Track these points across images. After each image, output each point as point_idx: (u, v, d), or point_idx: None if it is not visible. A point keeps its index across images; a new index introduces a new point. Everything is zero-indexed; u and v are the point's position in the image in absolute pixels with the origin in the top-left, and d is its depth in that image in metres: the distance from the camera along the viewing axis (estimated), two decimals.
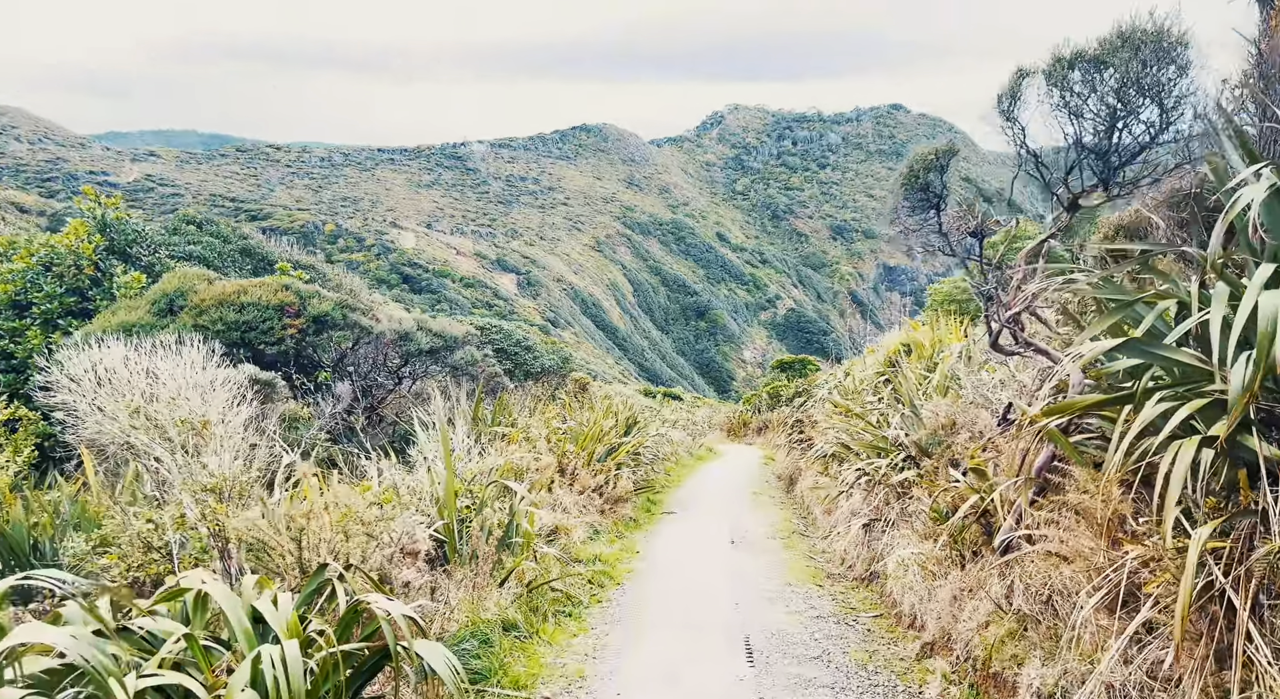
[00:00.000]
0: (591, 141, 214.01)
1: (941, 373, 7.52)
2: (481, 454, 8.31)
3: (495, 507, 6.62)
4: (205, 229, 14.67)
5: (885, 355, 11.16)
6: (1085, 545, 3.30)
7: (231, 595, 3.60)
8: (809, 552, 9.49)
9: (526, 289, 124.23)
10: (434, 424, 7.45)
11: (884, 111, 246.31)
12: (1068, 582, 3.65)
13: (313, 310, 12.04)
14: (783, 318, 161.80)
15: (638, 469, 13.52)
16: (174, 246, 13.84)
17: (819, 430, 13.07)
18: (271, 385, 8.99)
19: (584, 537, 9.78)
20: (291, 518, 4.53)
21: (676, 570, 8.23)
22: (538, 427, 12.05)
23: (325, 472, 7.18)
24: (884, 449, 7.51)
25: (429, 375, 13.93)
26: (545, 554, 6.56)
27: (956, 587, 5.01)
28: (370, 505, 5.22)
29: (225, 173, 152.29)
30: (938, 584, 5.33)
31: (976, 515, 4.82)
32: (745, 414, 33.01)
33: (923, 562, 5.63)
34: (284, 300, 11.91)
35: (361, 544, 4.45)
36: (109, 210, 12.79)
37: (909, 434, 7.21)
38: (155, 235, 13.73)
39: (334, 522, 4.51)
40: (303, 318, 12.04)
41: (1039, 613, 3.96)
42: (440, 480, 6.29)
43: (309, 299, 12.14)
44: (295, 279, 13.28)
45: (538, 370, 21.38)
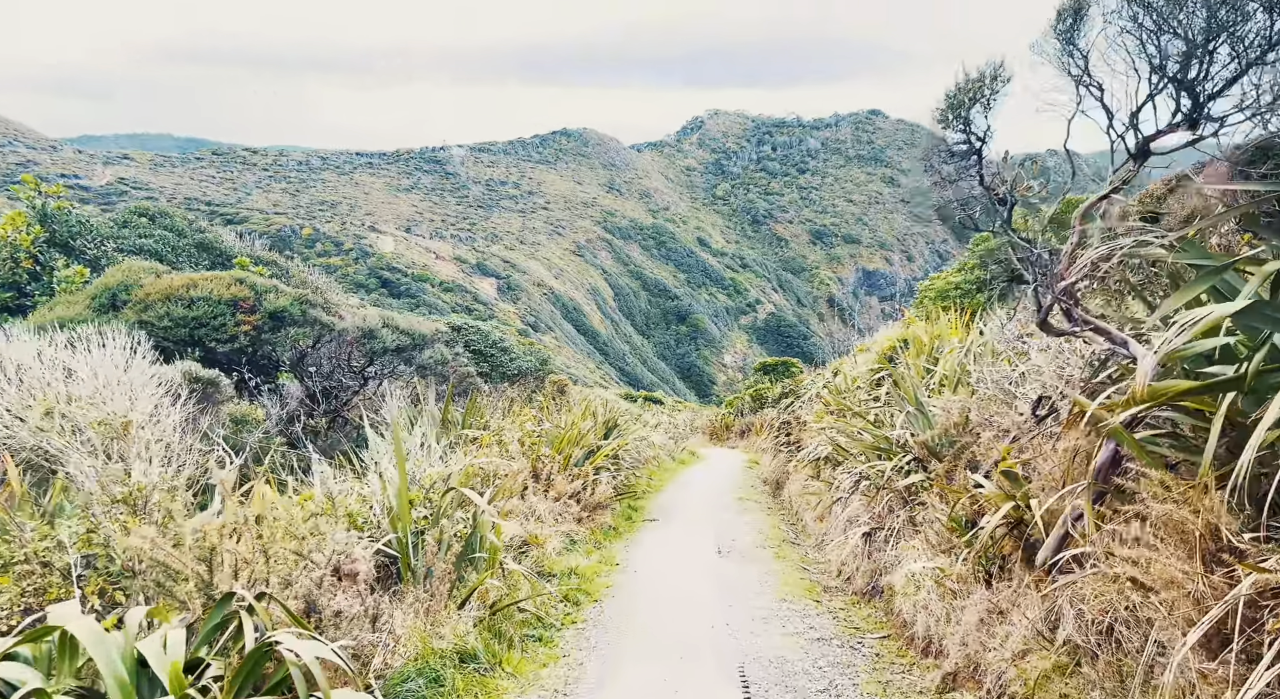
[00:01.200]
0: (572, 146, 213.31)
1: (949, 366, 6.87)
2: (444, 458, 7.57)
3: (456, 517, 5.88)
4: (158, 222, 13.82)
5: (880, 352, 10.52)
6: (1175, 568, 2.63)
7: (102, 636, 2.86)
8: (801, 562, 8.81)
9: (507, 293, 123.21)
10: (388, 424, 6.70)
11: (863, 117, 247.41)
12: (1138, 609, 2.98)
13: (269, 306, 11.25)
14: (763, 322, 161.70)
15: (618, 474, 12.80)
16: (123, 240, 12.99)
17: (809, 432, 12.41)
18: (215, 384, 8.20)
19: (559, 547, 9.05)
20: (203, 535, 3.78)
21: (660, 585, 7.52)
22: (512, 429, 11.30)
23: (275, 479, 6.42)
24: (886, 451, 6.85)
25: (396, 376, 13.15)
26: (513, 571, 5.82)
27: (983, 608, 4.34)
28: (309, 518, 4.48)
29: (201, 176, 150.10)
30: (959, 604, 4.65)
31: (1010, 526, 4.15)
32: (728, 417, 32.37)
33: (939, 577, 4.95)
34: (238, 295, 11.12)
35: (287, 567, 3.71)
36: (50, 199, 11.94)
37: (915, 434, 6.54)
38: (102, 228, 12.87)
39: (254, 540, 3.77)
40: (258, 314, 11.25)
41: (1097, 645, 3.29)
42: (394, 488, 5.54)
43: (265, 294, 11.35)
44: (252, 273, 12.47)
45: (515, 372, 20.62)
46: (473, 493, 5.24)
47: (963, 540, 4.82)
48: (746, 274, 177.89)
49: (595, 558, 8.76)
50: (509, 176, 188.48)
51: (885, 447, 6.87)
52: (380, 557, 5.47)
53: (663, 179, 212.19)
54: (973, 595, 4.55)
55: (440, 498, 5.68)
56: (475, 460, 6.70)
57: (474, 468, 6.89)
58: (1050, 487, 3.93)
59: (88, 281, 11.63)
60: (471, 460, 6.50)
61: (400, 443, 5.50)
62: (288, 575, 3.73)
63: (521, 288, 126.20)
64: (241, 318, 10.96)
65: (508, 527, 6.27)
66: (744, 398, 32.55)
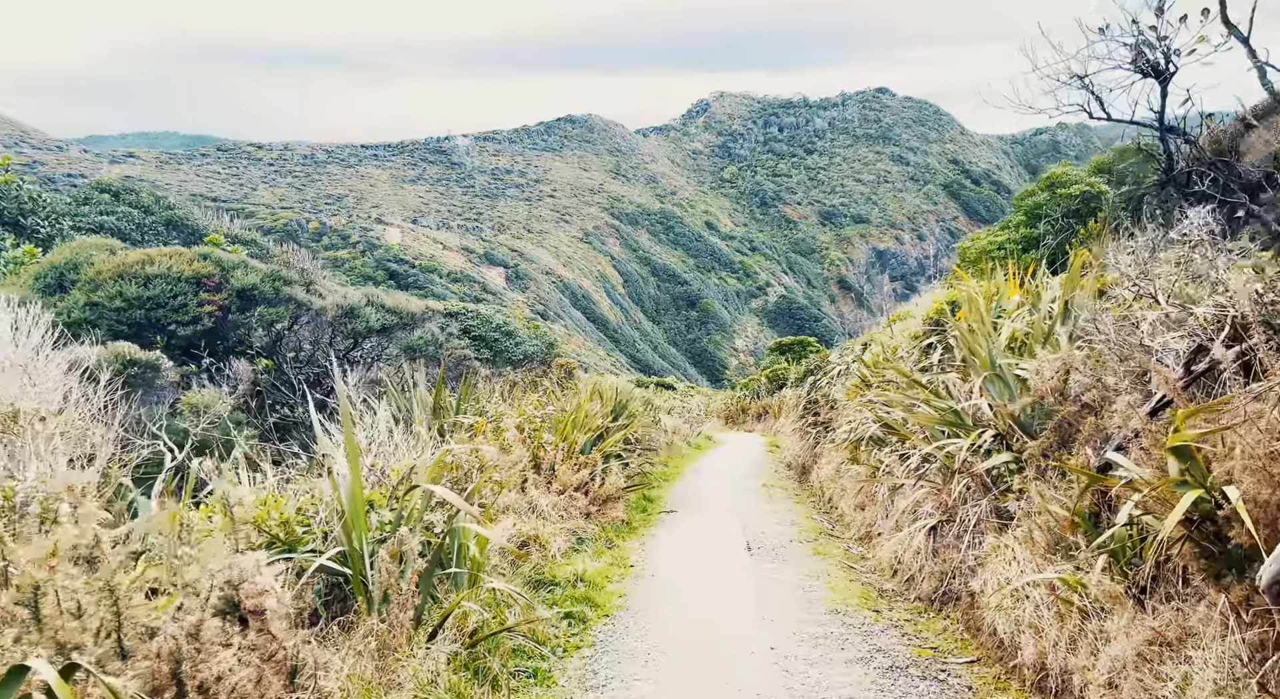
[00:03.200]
0: (577, 133, 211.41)
1: (1038, 321, 5.59)
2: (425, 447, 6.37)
3: (426, 522, 4.68)
4: (123, 198, 12.65)
5: (925, 316, 9.25)
6: None
7: None
8: (846, 559, 7.58)
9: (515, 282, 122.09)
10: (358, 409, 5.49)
11: (870, 96, 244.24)
12: None
13: (237, 283, 10.06)
14: (773, 305, 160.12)
15: (630, 461, 11.60)
16: (82, 217, 11.82)
17: (840, 411, 11.16)
18: (155, 368, 7.01)
19: (564, 547, 7.86)
20: (30, 566, 2.59)
21: (683, 594, 6.31)
22: (512, 415, 10.09)
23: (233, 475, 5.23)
24: (957, 426, 5.59)
25: (385, 359, 11.97)
26: (498, 590, 4.60)
27: (1141, 638, 3.10)
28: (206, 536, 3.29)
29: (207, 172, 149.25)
30: (1097, 629, 3.41)
31: (1196, 523, 2.90)
32: (743, 400, 31.13)
33: (1059, 591, 3.71)
34: (200, 272, 9.92)
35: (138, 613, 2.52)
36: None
37: (994, 405, 5.29)
38: (58, 204, 11.71)
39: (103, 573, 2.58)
40: (224, 292, 10.06)
41: None
42: (345, 487, 4.34)
43: (232, 270, 10.16)
44: (219, 248, 11.27)
45: (520, 357, 19.42)
46: (446, 491, 4.05)
47: (1094, 543, 3.57)
48: (756, 257, 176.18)
49: (606, 560, 7.56)
50: (514, 165, 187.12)
51: (955, 422, 5.62)
52: (329, 576, 4.28)
53: (669, 163, 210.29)
54: (1118, 617, 3.31)
55: (402, 498, 4.47)
56: (454, 449, 5.49)
57: (455, 458, 5.70)
58: (1254, 469, 2.69)
59: (38, 261, 10.47)
60: (449, 449, 5.29)
61: (351, 430, 4.29)
62: (147, 623, 2.55)
63: (530, 276, 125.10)
64: (205, 297, 9.78)
65: (495, 532, 5.07)
66: (760, 379, 31.30)
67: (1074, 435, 4.66)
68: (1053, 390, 4.68)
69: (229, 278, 9.97)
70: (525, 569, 6.53)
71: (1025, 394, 5.18)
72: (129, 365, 6.72)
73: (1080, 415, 4.59)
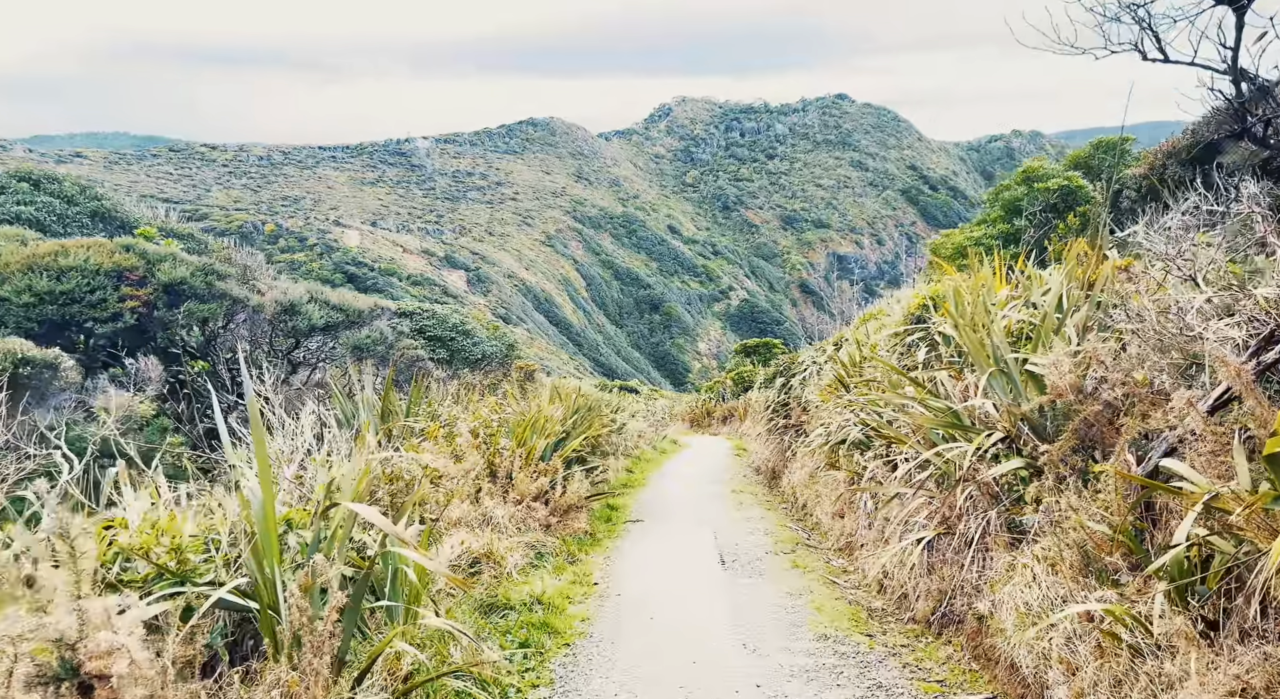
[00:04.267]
0: (539, 136, 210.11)
1: (1047, 312, 5.03)
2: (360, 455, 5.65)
3: (356, 543, 3.99)
4: (44, 188, 11.70)
5: (906, 312, 8.72)
6: None
7: None
8: (829, 573, 7.00)
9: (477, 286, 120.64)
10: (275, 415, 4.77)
11: (829, 102, 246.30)
12: None
13: (163, 276, 9.23)
14: (736, 309, 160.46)
15: (594, 467, 10.94)
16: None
17: (815, 413, 10.61)
18: (52, 368, 6.20)
19: (521, 562, 7.18)
20: None
21: (652, 616, 5.66)
22: (467, 419, 9.39)
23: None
24: (958, 428, 5.02)
25: (332, 360, 11.18)
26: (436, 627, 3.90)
27: (1223, 688, 2.53)
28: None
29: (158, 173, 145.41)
30: (1153, 670, 2.84)
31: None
32: (708, 403, 30.62)
33: (1103, 623, 3.14)
34: (122, 265, 9.08)
35: None
36: None
37: (999, 406, 4.73)
38: None
39: None
40: (149, 287, 9.22)
41: None
42: (256, 506, 3.63)
43: (158, 263, 9.33)
44: (147, 241, 10.41)
45: (478, 359, 18.65)
46: (370, 509, 3.37)
47: (1148, 566, 3.00)
48: (718, 261, 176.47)
49: (567, 577, 6.89)
50: (476, 168, 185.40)
51: (954, 424, 5.05)
52: (237, 613, 3.57)
53: (632, 167, 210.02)
54: (1183, 659, 2.74)
55: (320, 517, 3.77)
56: (383, 457, 4.79)
57: (395, 468, 5.01)
58: None
59: None
60: (380, 457, 4.60)
61: (263, 436, 3.58)
62: None
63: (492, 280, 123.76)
64: (126, 292, 8.93)
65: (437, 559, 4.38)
66: (725, 382, 30.81)
67: (1097, 438, 4.11)
68: (1072, 387, 4.12)
69: (154, 271, 9.14)
70: (477, 591, 5.85)
71: (1033, 392, 4.63)
72: (21, 364, 5.91)
73: (1105, 415, 4.04)
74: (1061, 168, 12.43)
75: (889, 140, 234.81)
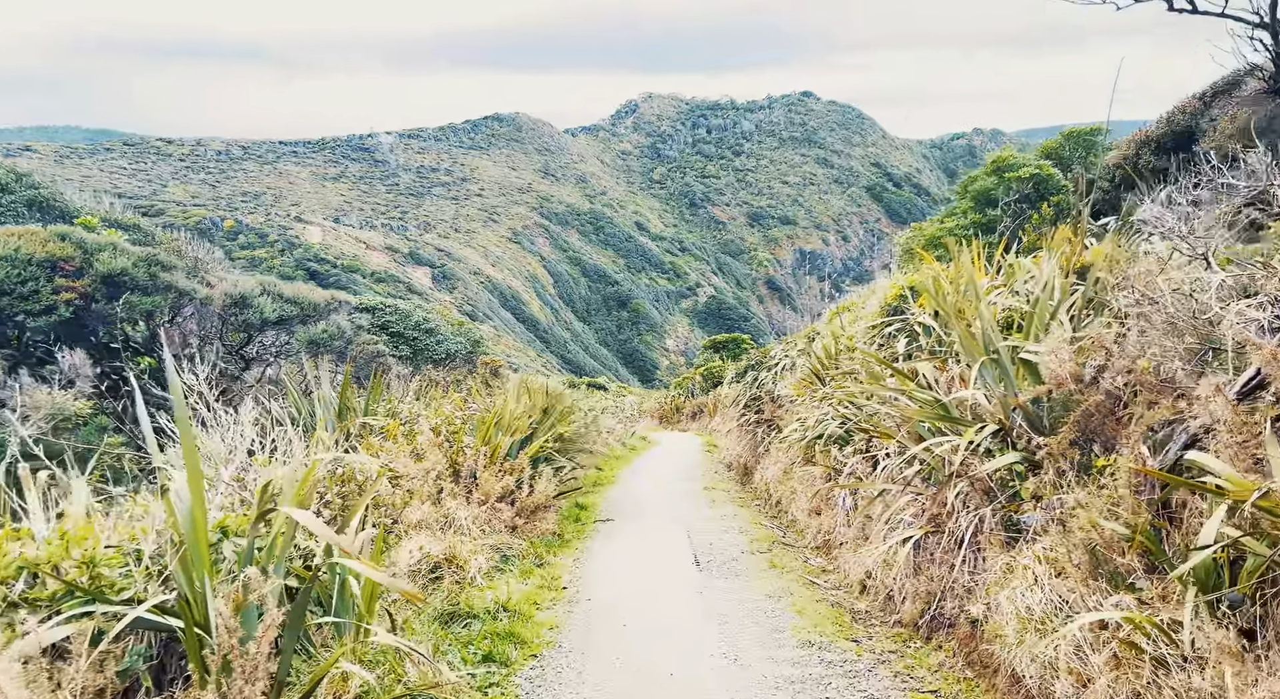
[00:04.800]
0: (505, 131, 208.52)
1: (1041, 298, 4.76)
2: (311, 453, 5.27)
3: (303, 550, 3.62)
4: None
5: (883, 303, 8.47)
6: None
7: None
8: (807, 572, 6.73)
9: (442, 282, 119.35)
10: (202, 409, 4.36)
11: (795, 99, 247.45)
12: None
13: (102, 267, 8.72)
14: (704, 305, 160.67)
15: (562, 465, 10.58)
16: None
17: (791, 408, 10.35)
18: None
19: (486, 566, 6.82)
20: None
21: (626, 623, 5.33)
22: (429, 416, 9.01)
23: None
24: (946, 420, 4.75)
25: (287, 355, 10.71)
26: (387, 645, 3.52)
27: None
28: None
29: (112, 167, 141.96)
30: (1181, 685, 2.57)
31: None
32: (678, 399, 30.37)
33: (1120, 631, 2.87)
34: (56, 254, 8.56)
35: None
36: None
37: (991, 396, 4.47)
38: None
39: None
40: (86, 278, 8.70)
41: None
42: (184, 513, 3.24)
43: (96, 253, 8.81)
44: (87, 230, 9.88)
45: (442, 355, 18.20)
46: (309, 516, 2.99)
47: (1178, 572, 2.73)
48: (686, 257, 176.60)
49: (534, 581, 6.54)
50: (441, 163, 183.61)
51: (942, 416, 4.78)
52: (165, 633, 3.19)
53: (599, 163, 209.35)
54: (1216, 671, 2.47)
55: (255, 525, 3.39)
56: (331, 458, 4.41)
57: (347, 469, 4.62)
58: None
59: None
60: (330, 457, 4.22)
61: (190, 434, 3.20)
62: None
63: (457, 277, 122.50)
64: (61, 283, 8.41)
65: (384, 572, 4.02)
66: (694, 378, 30.58)
67: (1098, 430, 3.86)
68: (1073, 376, 3.87)
69: (93, 262, 8.63)
70: (437, 600, 5.48)
71: (1025, 382, 4.38)
72: None
73: (1106, 406, 3.79)
74: (1033, 157, 12.31)
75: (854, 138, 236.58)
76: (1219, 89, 9.77)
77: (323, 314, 10.48)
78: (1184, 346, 3.12)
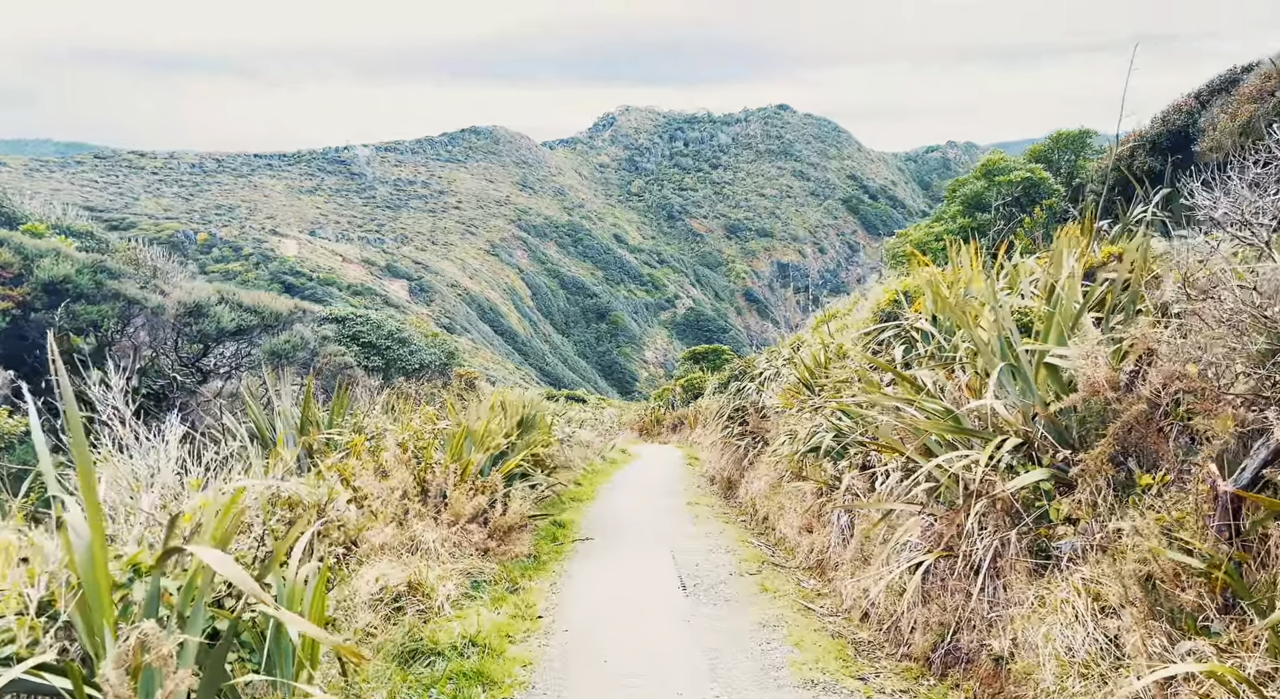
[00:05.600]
0: (482, 144, 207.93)
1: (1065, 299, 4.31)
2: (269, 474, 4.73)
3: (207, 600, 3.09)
4: None
5: (875, 309, 8.05)
6: None
7: None
8: (801, 596, 6.25)
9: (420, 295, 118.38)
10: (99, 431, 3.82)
11: (771, 112, 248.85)
12: None
13: (43, 274, 8.14)
14: (682, 317, 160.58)
15: (538, 483, 10.06)
16: None
17: (779, 420, 9.90)
18: None
19: (456, 593, 6.29)
20: None
21: (608, 659, 4.82)
22: (396, 431, 8.47)
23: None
24: (959, 433, 4.30)
25: (247, 368, 10.13)
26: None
27: None
28: None
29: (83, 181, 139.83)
30: None
31: None
32: (658, 411, 29.88)
33: (1193, 680, 2.42)
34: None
35: None
36: None
37: (1013, 406, 4.02)
38: None
39: None
40: (26, 286, 8.11)
41: None
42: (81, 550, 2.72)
43: (37, 259, 8.23)
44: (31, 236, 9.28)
45: (416, 366, 17.62)
46: (218, 556, 2.46)
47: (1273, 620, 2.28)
48: (664, 270, 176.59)
49: (507, 610, 6.02)
50: (418, 176, 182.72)
51: (957, 428, 4.33)
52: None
53: (577, 176, 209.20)
54: None
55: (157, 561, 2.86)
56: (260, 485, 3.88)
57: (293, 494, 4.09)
58: None
59: None
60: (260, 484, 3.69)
61: (87, 457, 2.68)
62: None
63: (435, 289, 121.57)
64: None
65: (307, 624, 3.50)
66: (674, 389, 30.12)
67: (1138, 443, 3.42)
68: (1109, 383, 3.43)
69: (33, 268, 8.04)
70: (398, 634, 4.95)
71: (1045, 389, 3.94)
72: None
73: (1147, 415, 3.35)
74: (1023, 160, 11.99)
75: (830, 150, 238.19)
76: (1216, 87, 9.49)
77: (286, 324, 9.93)
78: (1255, 347, 2.70)
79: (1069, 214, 11.11)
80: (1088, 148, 12.25)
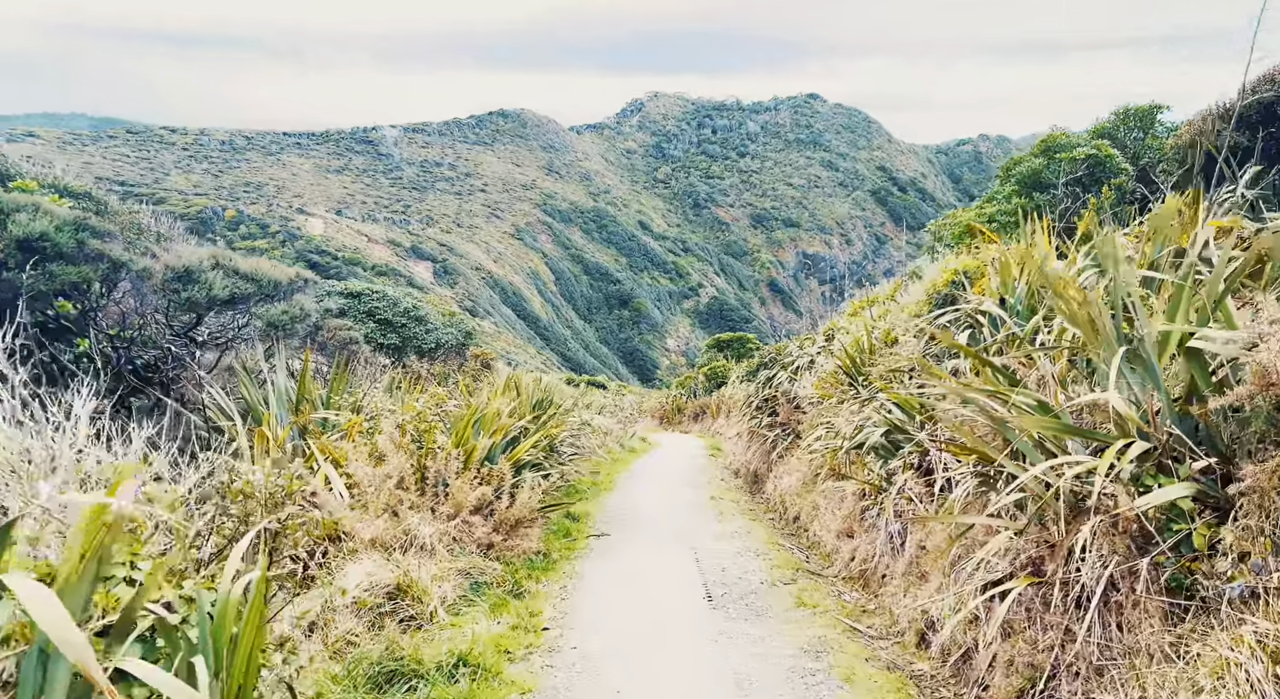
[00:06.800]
0: (509, 127, 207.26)
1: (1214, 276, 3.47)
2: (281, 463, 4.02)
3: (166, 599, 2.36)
4: None
5: (930, 291, 7.20)
6: None
7: None
8: (844, 612, 5.47)
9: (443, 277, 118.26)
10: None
11: (801, 101, 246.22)
12: None
13: (16, 230, 7.46)
14: (705, 306, 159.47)
15: (551, 472, 9.32)
16: None
17: (817, 411, 9.08)
18: None
19: (452, 596, 5.57)
20: None
21: (620, 689, 4.06)
22: (399, 412, 7.75)
23: None
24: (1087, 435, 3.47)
25: (244, 339, 9.45)
26: None
27: None
28: None
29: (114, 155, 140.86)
30: None
31: None
32: (679, 399, 29.09)
33: None
34: None
35: None
36: None
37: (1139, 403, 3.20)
38: None
39: None
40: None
41: None
42: None
43: (11, 214, 7.56)
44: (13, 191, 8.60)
45: (431, 345, 16.96)
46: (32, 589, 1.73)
47: None
48: (688, 258, 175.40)
49: (508, 620, 5.27)
50: (444, 158, 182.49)
51: (1067, 428, 3.51)
52: None
53: (603, 161, 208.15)
54: None
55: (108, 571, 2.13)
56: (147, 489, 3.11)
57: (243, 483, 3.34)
58: None
59: None
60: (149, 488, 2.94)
61: None
62: None
63: (459, 271, 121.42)
64: None
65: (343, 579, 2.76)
66: (697, 377, 29.31)
67: None
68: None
69: (6, 223, 7.37)
70: (376, 650, 4.21)
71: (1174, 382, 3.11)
72: None
73: None
74: (1087, 137, 11.04)
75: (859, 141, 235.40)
76: None
77: (285, 293, 9.23)
78: None
79: (1139, 195, 10.17)
80: (1158, 124, 11.28)
